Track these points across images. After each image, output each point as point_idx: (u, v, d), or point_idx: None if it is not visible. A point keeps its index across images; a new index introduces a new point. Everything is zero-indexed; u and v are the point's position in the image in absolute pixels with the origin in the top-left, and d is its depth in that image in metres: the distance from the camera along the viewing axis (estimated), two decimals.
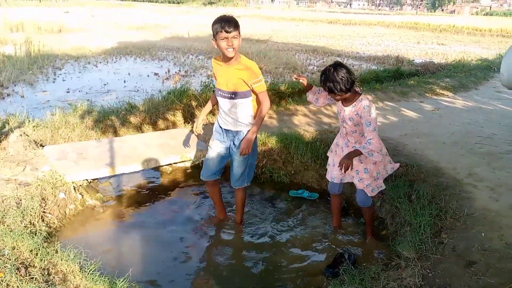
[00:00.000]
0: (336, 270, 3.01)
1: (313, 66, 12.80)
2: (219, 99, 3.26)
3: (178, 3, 70.87)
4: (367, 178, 3.19)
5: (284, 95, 6.88)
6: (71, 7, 41.58)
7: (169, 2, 70.55)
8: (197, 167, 4.53)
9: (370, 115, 2.97)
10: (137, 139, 4.75)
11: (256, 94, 3.18)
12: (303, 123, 5.72)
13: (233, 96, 3.16)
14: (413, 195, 3.63)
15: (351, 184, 4.13)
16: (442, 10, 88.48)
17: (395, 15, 56.11)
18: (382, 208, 3.84)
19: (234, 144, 3.35)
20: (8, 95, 8.10)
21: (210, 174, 3.54)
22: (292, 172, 4.63)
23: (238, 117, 3.24)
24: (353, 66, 12.51)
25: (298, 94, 7.32)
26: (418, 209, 3.37)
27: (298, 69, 11.77)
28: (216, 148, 3.43)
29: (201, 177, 3.61)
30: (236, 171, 3.45)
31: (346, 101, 3.12)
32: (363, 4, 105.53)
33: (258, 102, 3.25)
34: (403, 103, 7.01)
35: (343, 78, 2.91)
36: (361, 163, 3.18)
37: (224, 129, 3.35)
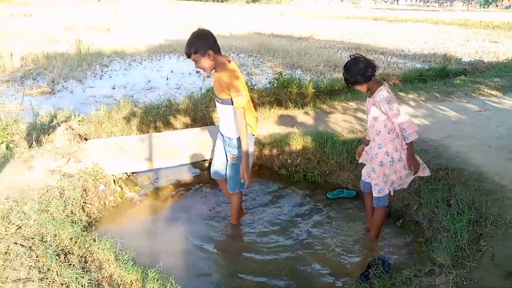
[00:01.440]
0: (367, 274, 2.96)
1: None
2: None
3: (222, 1, 71.70)
4: (375, 178, 3.21)
5: (323, 93, 6.81)
6: (120, 6, 43.15)
7: (213, 1, 71.52)
8: None
9: (388, 103, 2.98)
10: (175, 135, 4.87)
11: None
12: (341, 121, 5.63)
13: (219, 101, 3.17)
14: (452, 200, 3.49)
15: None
16: (497, 5, 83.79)
17: (444, 11, 53.87)
18: (419, 212, 3.72)
19: (226, 147, 3.38)
20: (59, 90, 8.54)
21: (214, 173, 3.59)
22: (327, 172, 4.58)
23: (226, 123, 3.24)
24: (397, 64, 12.16)
25: (338, 92, 7.23)
26: (456, 214, 3.23)
27: (340, 67, 11.60)
28: (218, 147, 3.48)
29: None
30: (228, 175, 3.44)
31: (370, 95, 3.15)
32: (411, 0, 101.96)
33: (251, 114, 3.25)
34: (447, 103, 6.73)
35: (360, 70, 2.97)
36: (371, 161, 3.26)
37: (220, 131, 3.41)
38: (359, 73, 2.98)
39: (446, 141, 4.78)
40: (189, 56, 3.01)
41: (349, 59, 3.07)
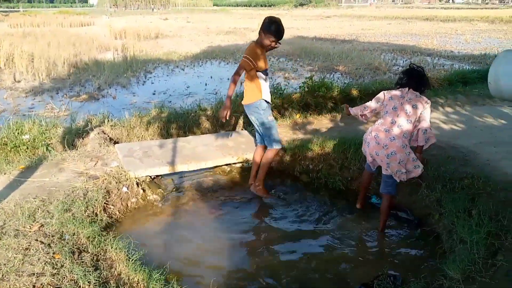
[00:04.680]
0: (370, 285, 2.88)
1: (398, 66, 12.18)
2: (265, 79, 4.03)
3: (270, 6, 72.14)
4: (394, 166, 3.45)
5: (355, 98, 6.69)
6: (170, 14, 44.73)
7: (261, 6, 72.14)
8: None
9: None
10: (198, 140, 5.00)
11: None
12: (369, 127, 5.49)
13: (268, 70, 4.10)
14: (474, 210, 3.31)
15: (410, 194, 3.95)
16: None
17: (505, 8, 50.69)
18: (439, 223, 3.57)
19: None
20: (103, 96, 9.03)
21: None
22: (349, 178, 4.50)
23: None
24: (443, 66, 11.66)
25: (371, 98, 7.06)
26: (474, 226, 3.07)
27: (381, 70, 11.31)
28: None
29: (279, 146, 4.24)
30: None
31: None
32: None
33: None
34: (486, 107, 6.37)
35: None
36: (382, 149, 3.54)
37: (268, 101, 4.10)
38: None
39: (477, 148, 4.53)
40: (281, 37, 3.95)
41: (414, 68, 3.45)
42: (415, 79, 3.44)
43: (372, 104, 3.67)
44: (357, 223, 3.87)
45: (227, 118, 3.98)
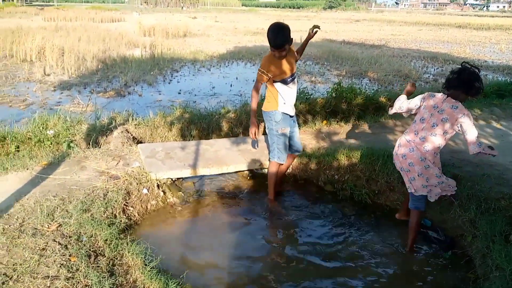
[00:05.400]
0: None
1: (429, 74, 11.84)
2: (289, 86, 3.84)
3: (299, 8, 71.81)
4: (412, 171, 3.36)
5: (383, 107, 6.46)
6: (199, 13, 45.05)
7: (290, 7, 71.88)
8: None
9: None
10: (221, 143, 4.91)
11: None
12: (398, 137, 5.28)
13: (294, 76, 3.88)
14: None
15: (441, 213, 3.76)
16: None
17: None
18: (472, 245, 3.35)
19: (293, 124, 4.10)
20: (129, 93, 9.07)
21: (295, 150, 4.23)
22: (376, 191, 4.31)
23: (295, 97, 4.01)
24: None
25: None
26: None
27: (411, 78, 11.01)
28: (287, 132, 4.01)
29: (284, 162, 4.07)
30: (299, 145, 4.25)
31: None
32: (503, 6, 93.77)
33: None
34: None
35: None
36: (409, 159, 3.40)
37: (290, 115, 3.96)
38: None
39: None
40: (282, 46, 3.55)
41: (467, 68, 3.10)
42: (465, 80, 3.07)
43: (409, 105, 3.44)
44: (383, 240, 3.68)
45: (256, 136, 3.97)
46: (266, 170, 4.66)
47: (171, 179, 4.30)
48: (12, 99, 8.12)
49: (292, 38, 3.63)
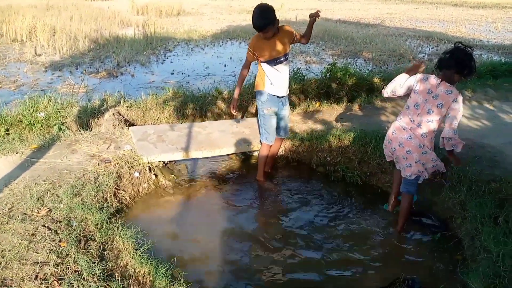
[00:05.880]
0: None
1: (424, 54, 11.73)
2: (276, 68, 3.78)
3: None
4: (410, 158, 3.34)
5: (376, 88, 6.42)
6: None
7: None
8: None
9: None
10: (214, 126, 4.87)
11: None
12: (391, 120, 5.27)
13: (285, 57, 3.81)
14: (501, 217, 3.11)
15: (432, 194, 3.78)
16: None
17: None
18: (461, 228, 3.38)
19: (283, 106, 4.03)
20: (122, 74, 8.94)
21: (281, 133, 4.18)
22: (368, 173, 4.32)
23: (286, 79, 3.95)
24: None
25: None
26: (501, 235, 2.88)
27: (406, 57, 10.91)
28: (273, 114, 3.97)
29: (271, 142, 4.06)
30: (287, 126, 4.21)
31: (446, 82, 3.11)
32: None
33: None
34: None
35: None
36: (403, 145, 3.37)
37: (278, 96, 3.90)
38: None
39: (507, 148, 4.27)
40: (263, 28, 3.51)
41: (461, 47, 3.02)
42: (459, 60, 3.00)
43: (401, 90, 3.31)
44: (374, 222, 3.70)
45: (234, 111, 4.05)
46: (258, 152, 4.66)
47: (163, 162, 4.28)
48: (2, 79, 7.99)
49: (277, 20, 3.57)
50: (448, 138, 3.04)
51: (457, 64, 3.01)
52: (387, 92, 3.43)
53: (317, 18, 3.81)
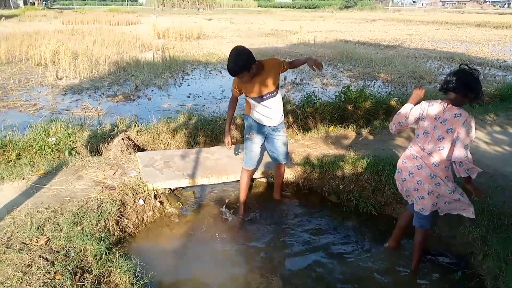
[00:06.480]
0: None
1: (445, 75, 11.46)
2: (262, 104, 3.61)
3: (314, 8, 71.31)
4: (421, 190, 3.10)
5: (394, 111, 6.22)
6: (215, 15, 45.14)
7: (305, 8, 71.44)
8: None
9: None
10: (223, 151, 4.78)
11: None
12: (406, 147, 5.06)
13: (274, 93, 3.61)
14: None
15: (450, 227, 3.56)
16: None
17: None
18: (483, 265, 3.13)
19: (277, 134, 3.84)
20: (139, 97, 9.02)
21: (274, 158, 4.03)
22: (382, 203, 4.12)
23: (279, 110, 3.77)
24: (495, 77, 10.87)
25: None
26: None
27: (426, 79, 10.69)
28: (260, 143, 3.84)
29: (249, 168, 3.93)
30: (285, 152, 4.00)
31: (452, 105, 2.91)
32: None
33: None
34: None
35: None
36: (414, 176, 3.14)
37: (267, 125, 3.75)
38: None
39: None
40: (237, 73, 3.31)
41: (466, 69, 2.87)
42: (464, 82, 2.82)
43: (409, 120, 3.11)
44: (387, 259, 3.47)
45: (229, 146, 3.89)
46: (267, 179, 4.53)
47: (170, 188, 4.19)
48: (23, 103, 8.17)
49: (256, 63, 3.35)
50: (459, 162, 2.81)
51: (462, 86, 2.81)
52: (393, 126, 3.23)
53: (316, 69, 3.62)
